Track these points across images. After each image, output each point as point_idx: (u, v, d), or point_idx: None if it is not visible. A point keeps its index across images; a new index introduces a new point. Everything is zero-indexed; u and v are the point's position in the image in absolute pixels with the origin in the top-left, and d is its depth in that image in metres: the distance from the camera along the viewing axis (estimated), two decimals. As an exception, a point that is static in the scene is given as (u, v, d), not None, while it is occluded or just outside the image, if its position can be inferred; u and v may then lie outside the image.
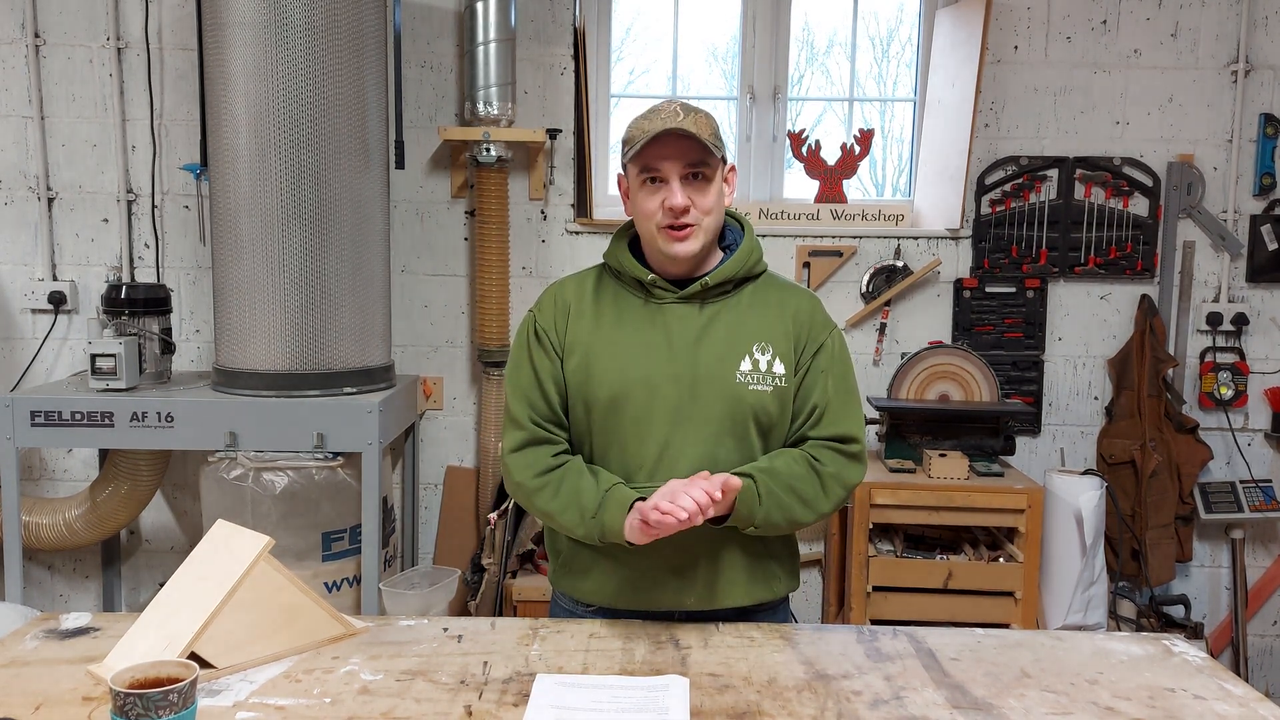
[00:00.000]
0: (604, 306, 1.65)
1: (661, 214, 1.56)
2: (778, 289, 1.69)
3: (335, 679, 1.35)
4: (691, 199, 1.55)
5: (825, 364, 1.64)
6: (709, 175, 1.57)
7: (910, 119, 3.37)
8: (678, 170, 1.55)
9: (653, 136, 1.53)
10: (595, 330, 1.63)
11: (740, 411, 1.59)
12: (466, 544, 3.23)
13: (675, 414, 1.58)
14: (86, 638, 1.48)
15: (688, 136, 1.53)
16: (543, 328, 1.66)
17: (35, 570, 3.30)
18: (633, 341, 1.61)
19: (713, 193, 1.58)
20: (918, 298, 3.21)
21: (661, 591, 1.62)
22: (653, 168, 1.56)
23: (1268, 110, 3.12)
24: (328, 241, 2.63)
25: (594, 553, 1.63)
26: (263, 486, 2.62)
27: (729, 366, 1.59)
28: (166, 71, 3.11)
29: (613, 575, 1.63)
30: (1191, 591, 3.24)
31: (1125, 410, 3.16)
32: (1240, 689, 1.36)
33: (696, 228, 1.56)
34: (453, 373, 3.25)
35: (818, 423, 1.63)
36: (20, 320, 3.20)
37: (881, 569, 2.75)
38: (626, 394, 1.59)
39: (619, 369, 1.60)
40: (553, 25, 3.12)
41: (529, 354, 1.66)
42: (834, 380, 1.64)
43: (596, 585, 1.65)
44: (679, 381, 1.58)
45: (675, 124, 1.53)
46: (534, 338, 1.66)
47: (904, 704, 1.30)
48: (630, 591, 1.63)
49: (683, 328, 1.61)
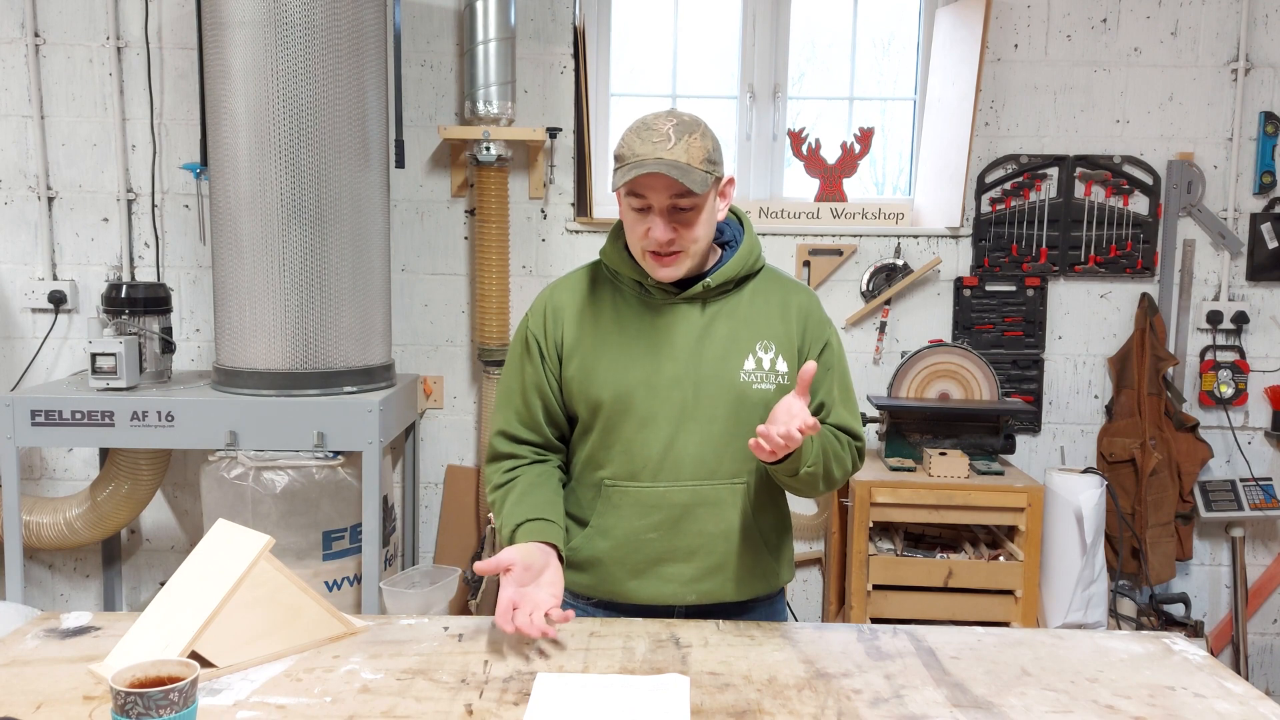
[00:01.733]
0: (601, 308, 1.64)
1: (647, 240, 1.53)
2: (779, 285, 1.69)
3: (336, 678, 1.36)
4: (677, 229, 1.52)
5: (829, 362, 1.66)
6: (699, 204, 1.52)
7: (910, 118, 3.37)
8: (663, 201, 1.50)
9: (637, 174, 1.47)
10: (594, 333, 1.62)
11: (744, 411, 1.59)
12: (467, 543, 3.23)
13: (679, 415, 1.58)
14: (87, 637, 1.48)
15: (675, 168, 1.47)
16: (534, 335, 1.66)
17: (36, 569, 3.30)
18: (634, 343, 1.60)
19: (702, 220, 1.53)
20: (918, 296, 3.21)
21: (661, 585, 1.62)
22: (638, 194, 1.52)
23: (1268, 108, 3.12)
24: (328, 241, 2.63)
25: (592, 548, 1.64)
26: (263, 486, 2.62)
27: (732, 366, 1.59)
28: (166, 71, 3.11)
29: (612, 569, 1.63)
30: (1192, 590, 3.24)
31: (1125, 409, 3.16)
32: (1240, 687, 1.36)
33: (682, 254, 1.54)
34: (453, 372, 3.26)
35: (825, 420, 1.65)
36: (20, 320, 3.20)
37: (882, 568, 2.75)
38: (630, 396, 1.59)
39: (622, 371, 1.59)
40: (552, 24, 3.12)
41: (518, 363, 1.68)
42: (837, 378, 1.67)
43: (595, 579, 1.66)
44: (682, 383, 1.58)
45: (663, 155, 1.46)
46: (524, 346, 1.67)
47: (904, 702, 1.30)
48: (630, 585, 1.63)
49: (685, 329, 1.60)
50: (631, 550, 1.61)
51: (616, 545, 1.62)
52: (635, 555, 1.61)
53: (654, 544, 1.61)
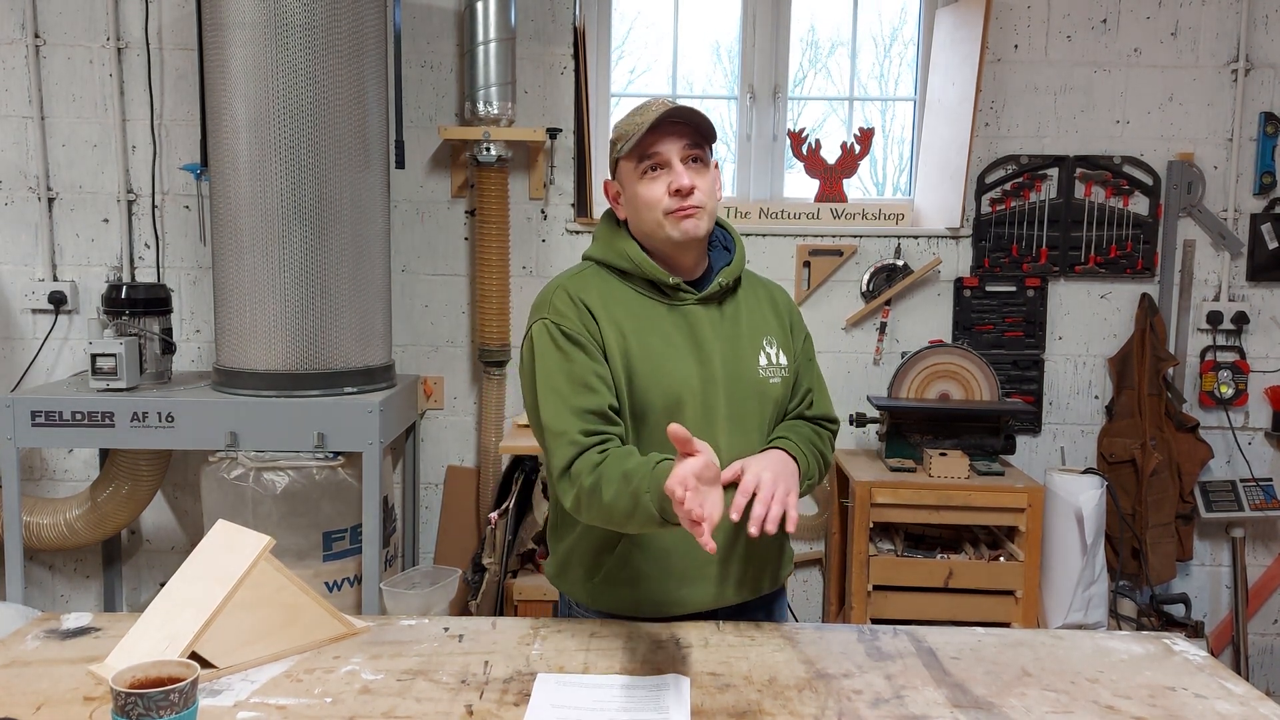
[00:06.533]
0: (625, 309, 1.57)
1: (667, 199, 1.53)
2: (760, 283, 1.74)
3: (336, 678, 1.36)
4: (695, 181, 1.54)
5: (810, 353, 1.75)
6: (706, 160, 1.58)
7: (910, 118, 3.37)
8: (678, 153, 1.54)
9: (651, 124, 1.52)
10: (628, 335, 1.54)
11: (766, 406, 1.62)
12: (467, 543, 3.23)
13: (720, 416, 1.57)
14: (87, 638, 1.48)
15: (685, 121, 1.54)
16: (570, 330, 1.52)
17: (36, 570, 3.30)
18: (672, 346, 1.56)
19: (711, 178, 1.58)
20: (918, 297, 3.21)
21: (706, 588, 1.60)
22: (653, 154, 1.54)
23: (1268, 109, 3.12)
24: (328, 241, 2.63)
25: (594, 561, 1.60)
26: (263, 486, 2.62)
27: (751, 364, 1.61)
28: (166, 71, 3.11)
29: (660, 581, 1.59)
30: (1192, 590, 3.24)
31: (1126, 409, 3.16)
32: (1241, 688, 1.36)
33: (702, 209, 1.55)
34: (453, 372, 3.26)
35: (809, 406, 1.71)
36: (21, 320, 3.20)
37: (882, 568, 2.75)
38: (681, 399, 1.54)
39: (668, 375, 1.54)
40: (553, 24, 3.12)
41: (562, 359, 1.51)
42: (815, 367, 1.75)
43: (638, 594, 1.61)
44: (716, 383, 1.57)
45: (674, 107, 1.53)
46: (563, 340, 1.51)
47: (904, 703, 1.30)
48: (681, 593, 1.59)
49: (711, 330, 1.60)
50: (679, 557, 1.56)
51: (663, 554, 1.56)
52: (683, 561, 1.57)
53: (659, 558, 1.57)
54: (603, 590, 1.61)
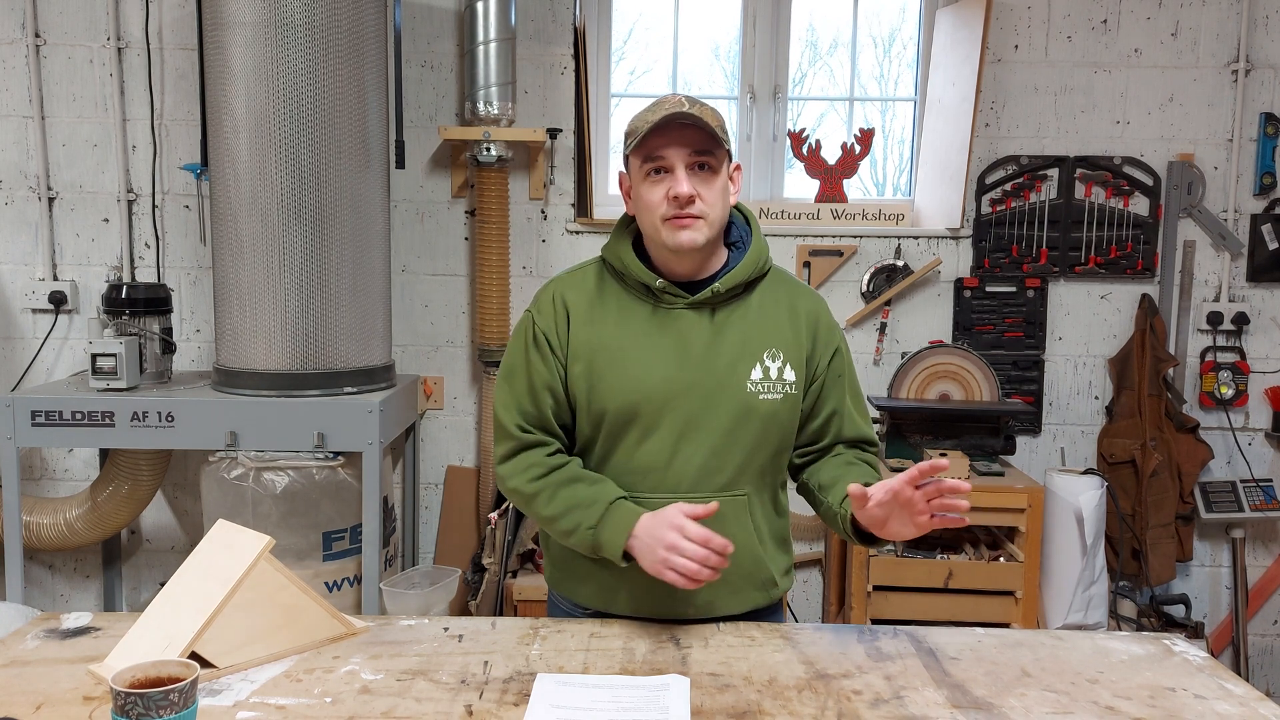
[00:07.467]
0: (608, 310, 1.59)
1: (666, 205, 1.50)
2: (787, 289, 1.64)
3: (336, 678, 1.36)
4: (697, 190, 1.50)
5: (840, 369, 1.64)
6: (714, 167, 1.52)
7: (911, 118, 3.37)
8: (683, 159, 1.50)
9: (657, 124, 1.48)
10: (601, 336, 1.57)
11: (750, 421, 1.56)
12: (467, 543, 3.23)
13: (685, 424, 1.54)
14: (87, 637, 1.48)
15: (693, 125, 1.49)
16: (542, 331, 1.59)
17: (36, 570, 3.30)
18: (642, 350, 1.55)
19: (718, 186, 1.53)
20: (918, 297, 3.21)
21: (660, 601, 1.58)
22: (657, 156, 1.50)
23: (1268, 109, 3.12)
24: (328, 241, 2.63)
25: (592, 561, 1.59)
26: (263, 486, 2.62)
27: (740, 376, 1.55)
28: (166, 71, 3.11)
29: (611, 583, 1.60)
30: (1192, 591, 3.24)
31: (1126, 410, 3.16)
32: (1241, 688, 1.36)
33: (701, 220, 1.51)
34: (453, 372, 3.26)
35: (840, 429, 1.63)
36: (21, 320, 3.20)
37: (882, 568, 2.75)
38: (637, 405, 1.54)
39: (630, 378, 1.54)
40: (553, 24, 3.12)
41: (525, 358, 1.60)
42: (849, 384, 1.65)
43: (593, 591, 1.63)
44: (691, 392, 1.54)
45: (681, 110, 1.48)
46: (532, 341, 1.59)
47: (904, 703, 1.30)
48: (629, 599, 1.60)
49: (694, 336, 1.56)
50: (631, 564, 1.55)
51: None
52: (634, 569, 1.53)
53: None
54: (560, 579, 1.69)
